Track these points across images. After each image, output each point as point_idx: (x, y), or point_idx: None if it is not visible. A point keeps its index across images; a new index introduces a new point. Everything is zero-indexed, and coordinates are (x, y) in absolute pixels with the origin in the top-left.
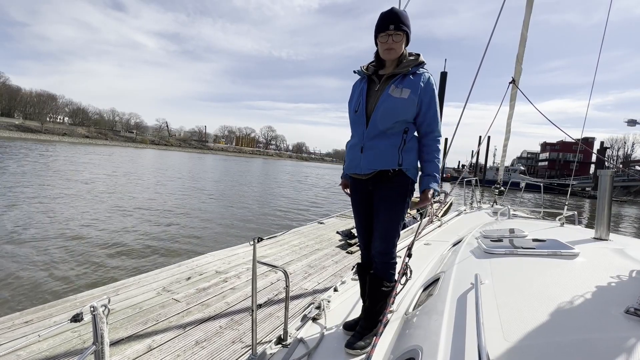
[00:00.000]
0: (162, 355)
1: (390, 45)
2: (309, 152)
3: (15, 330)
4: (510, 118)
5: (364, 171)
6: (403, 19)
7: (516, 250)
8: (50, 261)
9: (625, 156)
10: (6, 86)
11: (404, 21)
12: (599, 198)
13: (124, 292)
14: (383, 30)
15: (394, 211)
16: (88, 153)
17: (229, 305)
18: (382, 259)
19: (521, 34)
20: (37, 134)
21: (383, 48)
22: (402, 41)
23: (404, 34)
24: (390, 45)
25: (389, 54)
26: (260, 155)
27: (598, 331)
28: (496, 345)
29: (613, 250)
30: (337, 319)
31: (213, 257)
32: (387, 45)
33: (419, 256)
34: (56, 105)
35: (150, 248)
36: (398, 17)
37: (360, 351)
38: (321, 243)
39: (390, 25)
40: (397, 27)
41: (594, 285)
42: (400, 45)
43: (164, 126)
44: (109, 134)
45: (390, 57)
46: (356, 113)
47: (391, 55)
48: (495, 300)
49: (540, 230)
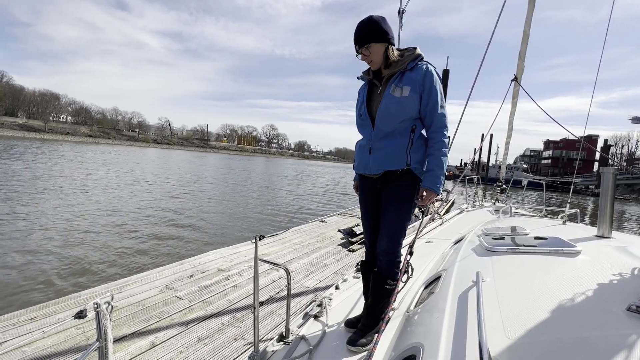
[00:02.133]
0: (165, 351)
1: (367, 60)
2: (311, 151)
3: (20, 327)
4: (513, 115)
5: (373, 172)
6: (365, 33)
7: (518, 248)
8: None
9: (630, 154)
10: (10, 86)
11: (366, 35)
12: (602, 195)
13: (127, 289)
14: (357, 52)
15: (402, 210)
16: (95, 152)
17: (230, 302)
18: (387, 258)
19: (523, 31)
20: (40, 133)
21: (367, 63)
22: (375, 51)
23: (373, 44)
24: (366, 59)
25: (373, 65)
26: (262, 154)
27: (600, 329)
28: (497, 343)
29: (615, 248)
30: (338, 316)
31: (215, 255)
32: (365, 60)
33: (420, 254)
34: (59, 105)
35: (152, 246)
36: (360, 34)
37: (362, 348)
38: (323, 241)
39: (356, 46)
40: (361, 44)
41: (595, 283)
42: (376, 55)
43: (167, 125)
44: (112, 133)
45: (375, 67)
46: (361, 117)
47: (374, 66)
48: (497, 298)
49: (542, 228)
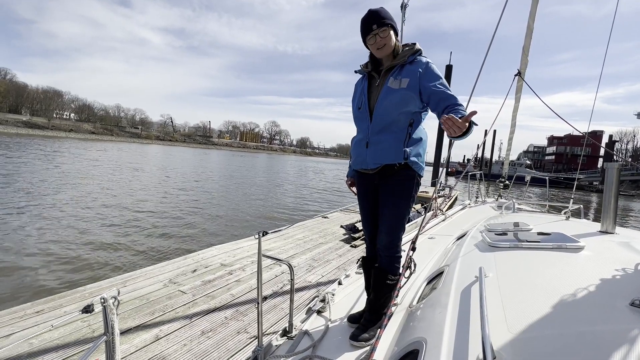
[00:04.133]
0: (169, 344)
1: (379, 44)
2: (313, 147)
3: (27, 320)
4: (516, 111)
5: (370, 166)
6: (383, 14)
7: (521, 244)
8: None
9: (635, 150)
10: (13, 83)
11: (384, 16)
12: (605, 191)
13: (131, 284)
14: (368, 33)
15: (400, 205)
16: (99, 150)
17: (234, 297)
18: (387, 253)
19: (527, 26)
20: (44, 130)
21: (374, 49)
22: (389, 35)
23: (389, 27)
24: (379, 43)
25: (382, 51)
26: (264, 150)
27: (603, 323)
28: (500, 337)
29: (619, 244)
30: (341, 311)
31: (218, 250)
32: (376, 44)
33: (423, 250)
34: (62, 102)
35: (156, 241)
36: (378, 15)
37: (365, 343)
38: (325, 237)
39: (372, 25)
40: (380, 24)
41: (599, 278)
42: (389, 40)
43: (169, 122)
44: (115, 130)
45: (383, 53)
46: (359, 110)
47: (384, 51)
48: (500, 293)
49: (545, 224)
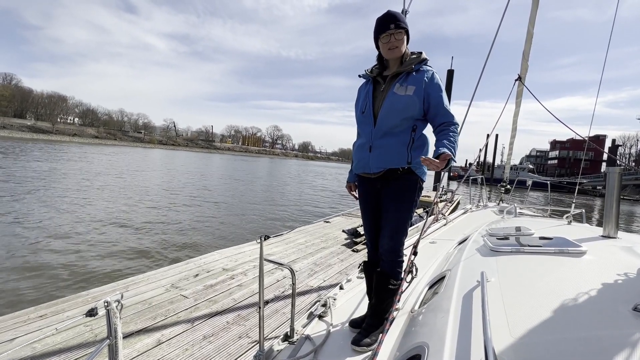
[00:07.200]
0: (171, 348)
1: (393, 44)
2: (315, 151)
3: (31, 324)
4: (517, 116)
5: (373, 170)
6: (401, 18)
7: (522, 248)
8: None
9: (638, 154)
10: (18, 88)
11: (402, 20)
12: (607, 195)
13: (133, 288)
14: (384, 31)
15: (403, 209)
16: (106, 154)
17: (235, 301)
18: (389, 257)
19: (527, 31)
20: (48, 135)
21: (386, 48)
22: (403, 39)
23: (404, 32)
24: (393, 43)
25: (393, 53)
26: (266, 155)
27: (605, 328)
28: (502, 342)
29: (621, 248)
30: (343, 316)
31: (220, 254)
32: (389, 44)
33: (424, 254)
34: (67, 106)
35: (158, 246)
36: (397, 17)
37: (367, 348)
38: (327, 241)
39: (390, 25)
40: (397, 26)
41: (601, 283)
42: (402, 43)
43: (172, 126)
44: (118, 134)
45: (394, 55)
46: (363, 114)
47: (395, 53)
48: (502, 298)
49: (547, 228)
